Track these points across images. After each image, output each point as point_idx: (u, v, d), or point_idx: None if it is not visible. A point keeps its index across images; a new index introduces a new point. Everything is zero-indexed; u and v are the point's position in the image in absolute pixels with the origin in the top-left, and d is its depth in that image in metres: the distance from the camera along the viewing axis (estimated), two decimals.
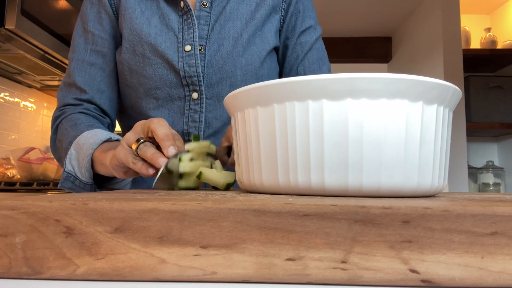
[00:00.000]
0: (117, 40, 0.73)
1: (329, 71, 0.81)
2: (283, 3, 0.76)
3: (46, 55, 1.50)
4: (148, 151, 0.49)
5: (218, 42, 0.69)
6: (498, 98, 2.18)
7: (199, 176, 0.50)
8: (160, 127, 0.49)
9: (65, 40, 1.56)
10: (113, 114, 0.76)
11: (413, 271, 0.21)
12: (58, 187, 0.64)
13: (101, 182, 0.66)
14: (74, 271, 0.22)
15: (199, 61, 0.68)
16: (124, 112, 0.78)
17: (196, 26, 0.68)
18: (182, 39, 0.68)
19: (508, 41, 2.26)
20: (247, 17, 0.72)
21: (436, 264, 0.21)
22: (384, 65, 3.04)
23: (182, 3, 0.69)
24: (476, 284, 0.21)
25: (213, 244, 0.22)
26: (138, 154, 0.50)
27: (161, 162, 0.47)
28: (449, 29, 2.14)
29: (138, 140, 0.51)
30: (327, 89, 0.31)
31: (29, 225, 0.22)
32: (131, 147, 0.52)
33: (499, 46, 2.31)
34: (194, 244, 0.22)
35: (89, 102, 0.72)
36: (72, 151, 0.62)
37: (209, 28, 0.70)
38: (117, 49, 0.73)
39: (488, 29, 2.35)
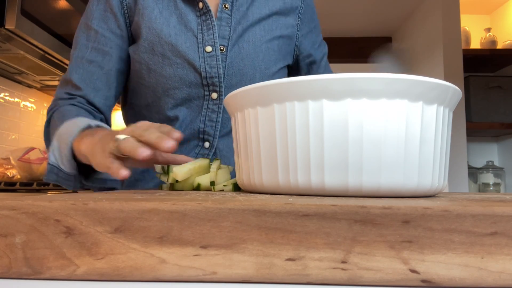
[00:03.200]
0: (123, 39, 0.72)
1: None
2: (299, 19, 0.80)
3: (46, 55, 1.50)
4: (146, 135, 0.44)
5: (239, 45, 0.71)
6: (498, 98, 2.18)
7: (198, 188, 0.49)
8: (150, 133, 0.44)
9: (65, 40, 1.56)
10: (108, 112, 0.74)
11: (413, 271, 0.21)
12: (43, 180, 0.62)
13: (87, 173, 0.63)
14: (74, 271, 0.22)
15: (220, 62, 0.69)
16: (137, 112, 0.77)
17: (216, 27, 0.69)
18: (202, 39, 0.69)
19: (508, 41, 2.26)
20: (268, 22, 0.74)
21: (436, 264, 0.21)
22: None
23: (201, 4, 0.69)
24: (476, 284, 0.21)
25: (213, 244, 0.22)
26: (121, 153, 0.45)
27: (141, 153, 0.42)
28: (449, 29, 2.14)
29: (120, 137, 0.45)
30: (327, 89, 0.31)
31: (29, 225, 0.22)
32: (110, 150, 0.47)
33: (499, 46, 2.31)
34: (194, 244, 0.22)
35: (83, 98, 0.70)
36: (54, 142, 0.60)
37: (230, 29, 0.71)
38: (132, 48, 0.72)
39: (488, 29, 2.35)
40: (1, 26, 1.25)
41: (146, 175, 0.74)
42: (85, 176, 0.62)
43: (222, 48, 0.69)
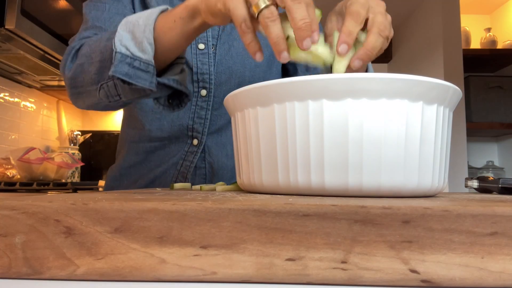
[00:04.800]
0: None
1: None
2: None
3: (46, 55, 1.50)
4: (273, 30, 0.39)
5: (229, 43, 0.71)
6: (498, 98, 2.18)
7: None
8: (297, 9, 0.38)
9: (65, 40, 1.56)
10: None
11: (413, 271, 0.21)
12: (110, 73, 0.50)
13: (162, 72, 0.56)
14: (74, 271, 0.22)
15: (211, 60, 0.69)
16: (132, 107, 0.76)
17: None
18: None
19: (508, 41, 2.26)
20: None
21: (436, 264, 0.21)
22: (384, 65, 3.03)
23: None
24: (476, 284, 0.21)
25: (213, 244, 0.22)
26: (258, 21, 0.40)
27: (284, 58, 0.39)
28: (449, 29, 2.14)
29: (262, 2, 0.39)
30: (327, 89, 0.31)
31: (29, 225, 0.22)
32: (249, 7, 0.41)
33: (499, 46, 2.31)
34: (194, 244, 0.22)
35: None
36: (121, 33, 0.50)
37: (219, 28, 0.71)
38: None
39: (488, 29, 2.35)
40: (1, 26, 1.25)
41: (164, 176, 0.75)
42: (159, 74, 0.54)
43: (212, 47, 0.70)
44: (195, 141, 0.71)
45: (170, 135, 0.72)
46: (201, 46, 0.70)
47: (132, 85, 0.51)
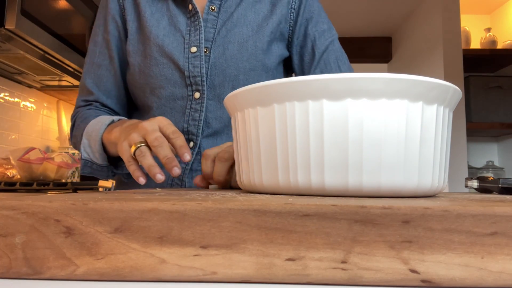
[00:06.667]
0: (122, 42, 0.76)
1: (350, 71, 0.80)
2: (292, 14, 0.77)
3: (46, 55, 1.50)
4: (145, 160, 0.51)
5: (223, 46, 0.72)
6: (498, 98, 2.18)
7: None
8: (161, 149, 0.50)
9: (65, 40, 1.56)
10: (122, 112, 0.80)
11: (413, 271, 0.21)
12: (80, 173, 0.72)
13: (117, 162, 0.71)
14: (74, 271, 0.22)
15: (203, 63, 0.70)
16: (131, 117, 0.81)
17: (203, 29, 0.71)
18: (189, 40, 0.71)
19: (508, 41, 2.26)
20: (254, 25, 0.74)
21: (436, 264, 0.21)
22: (384, 65, 3.04)
23: (190, 6, 0.72)
24: (476, 284, 0.21)
25: (213, 244, 0.22)
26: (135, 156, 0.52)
27: (159, 179, 0.49)
28: (449, 29, 2.14)
29: (137, 143, 0.52)
30: (327, 89, 0.31)
31: (29, 225, 0.22)
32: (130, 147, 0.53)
33: (499, 46, 2.31)
34: (194, 244, 0.22)
35: (97, 102, 0.77)
36: (84, 140, 0.68)
37: (215, 31, 0.72)
38: (127, 51, 0.76)
39: (488, 29, 2.35)
40: (1, 26, 1.25)
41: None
42: (115, 165, 0.70)
43: (206, 50, 0.71)
44: (191, 144, 0.72)
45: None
46: (193, 49, 0.71)
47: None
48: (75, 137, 0.74)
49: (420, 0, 2.38)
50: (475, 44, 2.42)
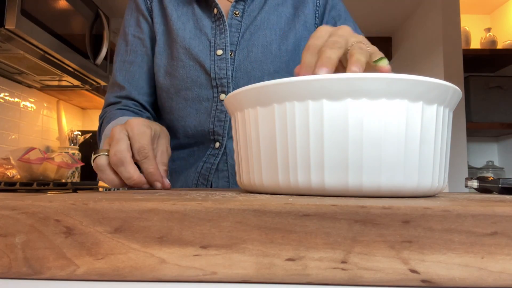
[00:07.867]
0: (153, 41, 0.78)
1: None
2: (317, 12, 0.79)
3: (46, 55, 1.50)
4: (138, 168, 0.50)
5: (248, 49, 0.73)
6: (498, 98, 2.18)
7: None
8: (145, 163, 0.50)
9: (65, 40, 1.56)
10: (152, 109, 0.81)
11: (413, 271, 0.21)
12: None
13: None
14: (74, 271, 0.22)
15: (229, 65, 0.72)
16: (163, 122, 0.82)
17: (228, 32, 0.73)
18: (214, 43, 0.73)
19: (508, 41, 2.26)
20: (277, 28, 0.75)
21: (436, 264, 0.21)
22: None
23: (215, 10, 0.74)
24: (476, 284, 0.21)
25: (213, 244, 0.22)
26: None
27: (158, 186, 0.50)
28: (449, 29, 2.14)
29: (97, 151, 0.51)
30: (327, 89, 0.31)
31: (29, 225, 0.22)
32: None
33: (499, 46, 2.31)
34: (194, 244, 0.22)
35: (128, 98, 0.77)
36: (102, 143, 0.67)
37: (239, 35, 0.74)
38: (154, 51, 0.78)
39: (488, 29, 2.35)
40: (1, 26, 1.25)
41: (185, 179, 0.77)
42: None
43: (230, 53, 0.73)
44: (217, 144, 0.73)
45: (196, 140, 0.76)
46: (219, 52, 0.72)
47: None
48: (100, 138, 0.74)
49: (420, 0, 2.38)
50: (475, 44, 2.42)
